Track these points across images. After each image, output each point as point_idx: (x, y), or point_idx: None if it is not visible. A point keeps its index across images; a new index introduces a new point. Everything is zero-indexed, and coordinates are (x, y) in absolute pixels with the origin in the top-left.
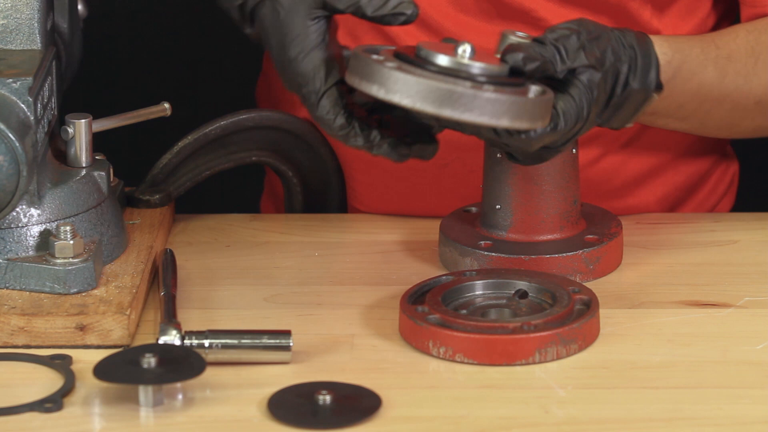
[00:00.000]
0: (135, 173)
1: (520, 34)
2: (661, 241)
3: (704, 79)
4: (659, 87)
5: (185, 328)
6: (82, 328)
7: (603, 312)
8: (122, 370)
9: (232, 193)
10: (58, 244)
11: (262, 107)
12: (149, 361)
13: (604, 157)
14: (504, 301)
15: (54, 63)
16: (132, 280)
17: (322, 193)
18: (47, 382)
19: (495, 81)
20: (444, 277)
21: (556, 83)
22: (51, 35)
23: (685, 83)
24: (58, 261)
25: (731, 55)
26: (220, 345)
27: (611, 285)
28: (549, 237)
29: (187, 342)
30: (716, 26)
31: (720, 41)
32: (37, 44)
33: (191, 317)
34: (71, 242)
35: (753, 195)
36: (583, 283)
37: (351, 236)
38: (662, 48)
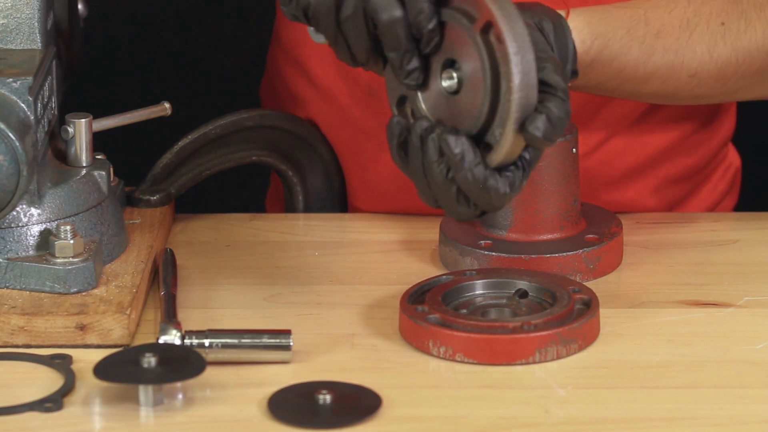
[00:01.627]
0: (135, 173)
1: None
2: (661, 241)
3: (627, 61)
4: (574, 74)
5: (185, 327)
6: (82, 327)
7: (603, 312)
8: (122, 370)
9: (233, 192)
10: (58, 243)
11: (265, 107)
12: (149, 360)
13: (600, 150)
14: (504, 301)
15: (54, 63)
16: (132, 279)
17: (322, 193)
18: (47, 381)
19: None
20: (444, 277)
21: None
22: (51, 35)
23: (603, 67)
24: (58, 260)
25: (661, 31)
26: (220, 344)
27: (611, 285)
28: (549, 236)
29: (187, 341)
30: None
31: (653, 15)
32: (37, 44)
33: (191, 317)
34: (71, 242)
35: (756, 195)
36: (583, 283)
37: (351, 236)
38: (581, 35)
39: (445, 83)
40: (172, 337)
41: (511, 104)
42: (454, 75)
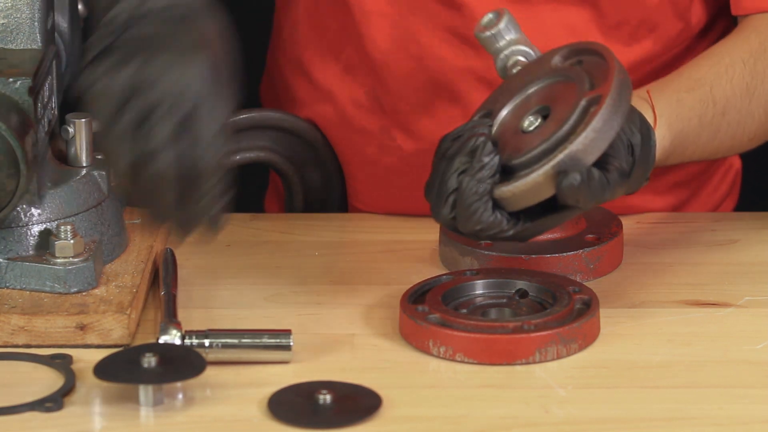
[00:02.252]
0: None
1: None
2: (661, 241)
3: (696, 146)
4: (645, 179)
5: (185, 327)
6: (82, 327)
7: (603, 312)
8: (122, 370)
9: (233, 192)
10: (58, 243)
11: (265, 106)
12: (149, 360)
13: None
14: (504, 301)
15: (54, 63)
16: (132, 279)
17: (323, 193)
18: (47, 381)
19: None
20: (444, 277)
21: None
22: (51, 35)
23: (675, 159)
24: (59, 260)
25: (726, 107)
26: (220, 344)
27: (611, 285)
28: (549, 236)
29: (187, 341)
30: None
31: (718, 91)
32: (37, 44)
33: (191, 317)
34: (71, 242)
35: (757, 197)
36: (584, 283)
37: (351, 236)
38: (663, 142)
39: (526, 122)
40: (172, 337)
41: (552, 157)
42: (537, 121)
